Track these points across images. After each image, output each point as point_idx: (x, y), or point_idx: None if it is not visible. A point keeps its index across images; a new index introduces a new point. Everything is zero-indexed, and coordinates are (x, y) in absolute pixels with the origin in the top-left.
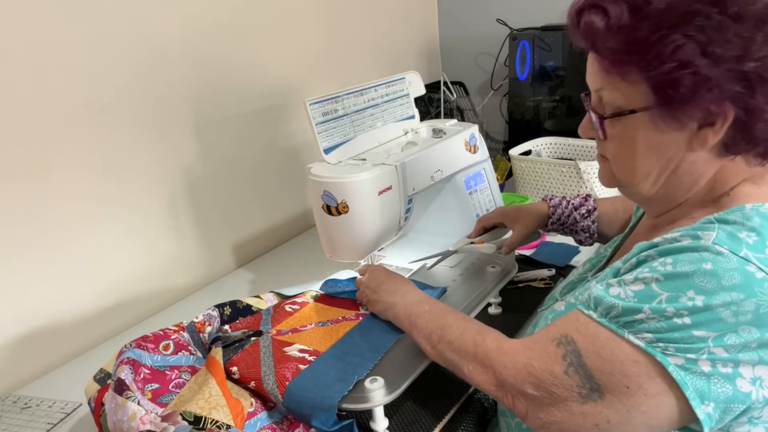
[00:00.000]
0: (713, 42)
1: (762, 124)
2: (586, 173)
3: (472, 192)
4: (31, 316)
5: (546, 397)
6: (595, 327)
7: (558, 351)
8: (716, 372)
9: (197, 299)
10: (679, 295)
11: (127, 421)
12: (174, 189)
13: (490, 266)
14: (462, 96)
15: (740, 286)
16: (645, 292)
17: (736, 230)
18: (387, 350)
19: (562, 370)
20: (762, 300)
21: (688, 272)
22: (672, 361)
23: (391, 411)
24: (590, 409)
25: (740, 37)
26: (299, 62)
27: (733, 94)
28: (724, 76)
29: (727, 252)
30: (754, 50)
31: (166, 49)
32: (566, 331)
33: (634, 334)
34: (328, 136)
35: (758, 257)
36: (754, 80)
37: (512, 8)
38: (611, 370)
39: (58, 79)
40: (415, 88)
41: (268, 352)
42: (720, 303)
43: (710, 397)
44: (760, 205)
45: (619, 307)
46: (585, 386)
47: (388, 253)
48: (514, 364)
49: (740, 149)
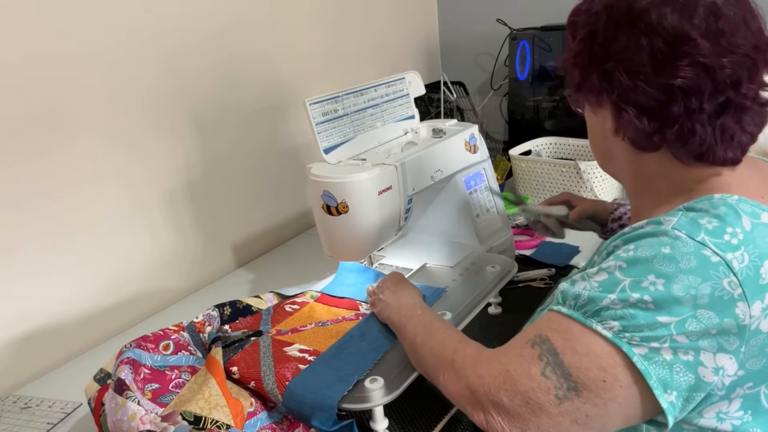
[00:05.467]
0: (602, 44)
1: (627, 117)
2: (586, 173)
3: (472, 192)
4: (32, 316)
5: (521, 406)
6: (567, 322)
7: (533, 352)
8: (678, 360)
9: (197, 299)
10: (641, 280)
11: (127, 421)
12: (174, 189)
13: (490, 266)
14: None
15: (696, 269)
16: (609, 281)
17: (698, 217)
18: (387, 350)
19: (539, 372)
20: (717, 284)
21: (648, 257)
22: (636, 351)
23: (391, 411)
24: (568, 407)
25: (616, 41)
26: (299, 62)
27: (602, 88)
28: (597, 72)
29: (684, 236)
30: (613, 52)
31: (167, 50)
32: (539, 331)
33: (602, 324)
34: (328, 136)
35: (715, 242)
36: (613, 76)
37: (512, 8)
38: (589, 366)
39: (57, 82)
40: (415, 88)
41: (268, 352)
42: (679, 287)
43: (672, 385)
44: (728, 196)
45: (585, 296)
46: (562, 386)
47: (388, 253)
48: (489, 371)
49: (637, 143)
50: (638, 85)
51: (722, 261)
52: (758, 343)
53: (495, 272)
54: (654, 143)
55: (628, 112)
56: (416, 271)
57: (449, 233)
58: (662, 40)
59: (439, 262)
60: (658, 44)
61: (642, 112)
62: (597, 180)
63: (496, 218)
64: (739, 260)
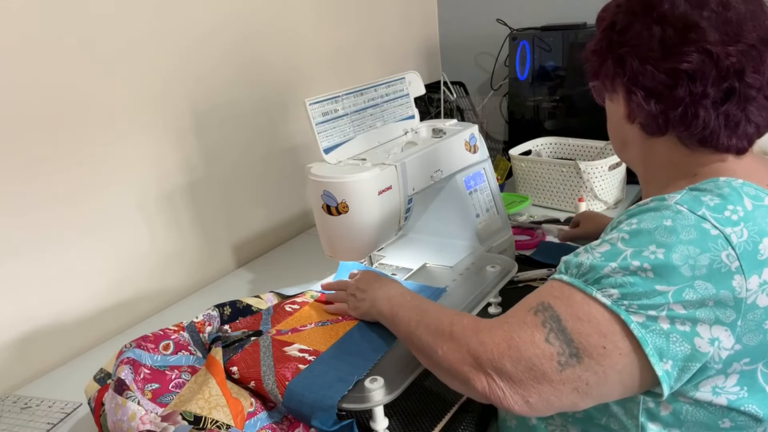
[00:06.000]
0: (620, 32)
1: (636, 99)
2: (586, 173)
3: (472, 192)
4: (31, 316)
5: (524, 372)
6: (569, 290)
7: (536, 319)
8: (674, 330)
9: (197, 299)
10: (641, 249)
11: (127, 421)
12: (174, 189)
13: (490, 266)
14: (462, 96)
15: (695, 241)
16: (611, 251)
17: (701, 195)
18: (387, 350)
19: (543, 338)
20: (715, 255)
21: (650, 229)
22: (634, 318)
23: (391, 411)
24: (569, 374)
25: (631, 28)
26: (299, 62)
27: (615, 72)
28: (612, 57)
29: (686, 210)
30: (627, 39)
31: (166, 49)
32: (542, 299)
33: (601, 291)
34: (328, 136)
35: (715, 216)
36: (626, 61)
37: (512, 8)
38: (590, 331)
39: (58, 85)
40: (415, 88)
41: (268, 351)
42: (678, 256)
43: (668, 354)
44: (733, 179)
45: (587, 265)
46: (564, 352)
47: (388, 253)
48: (492, 338)
49: (647, 128)
50: (647, 69)
51: (721, 234)
52: (755, 317)
53: (495, 272)
54: (660, 126)
55: (637, 94)
56: (416, 271)
57: (449, 233)
58: (672, 28)
59: (439, 262)
60: (668, 32)
61: (649, 95)
62: (597, 180)
63: (496, 218)
64: (737, 235)
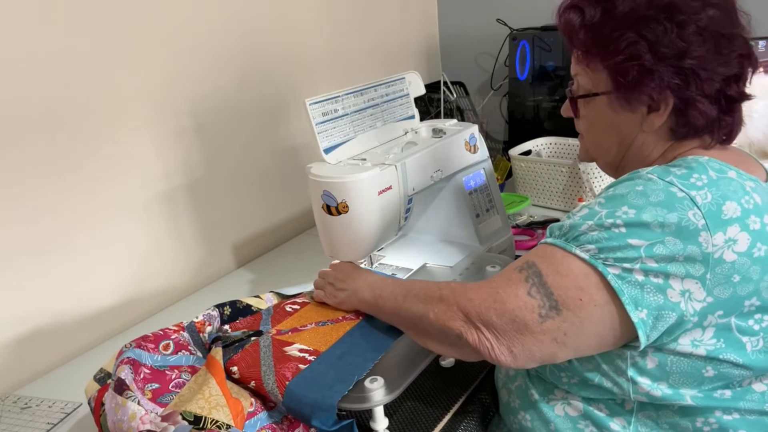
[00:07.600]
0: (660, 42)
1: (695, 112)
2: (585, 173)
3: (472, 192)
4: (32, 315)
5: (508, 323)
6: (551, 248)
7: (520, 275)
8: (649, 282)
9: (197, 299)
10: (615, 210)
11: (127, 421)
12: (174, 189)
13: (490, 266)
14: (462, 96)
15: (664, 202)
16: (588, 213)
17: (671, 167)
18: (387, 350)
19: (525, 292)
20: (683, 214)
21: (624, 193)
22: (611, 270)
23: (391, 411)
24: (549, 326)
25: (682, 40)
26: (299, 62)
27: (672, 85)
28: (665, 70)
29: (656, 178)
30: (692, 51)
31: (166, 51)
32: (527, 258)
33: (580, 248)
34: (327, 136)
35: (682, 183)
36: (689, 75)
37: (512, 8)
38: (567, 285)
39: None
40: (415, 88)
41: (268, 351)
42: (648, 215)
43: (643, 303)
44: (700, 157)
45: (567, 225)
46: (545, 305)
47: (388, 253)
48: (479, 294)
49: (683, 134)
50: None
51: (687, 196)
52: (723, 271)
53: (495, 272)
54: (697, 129)
55: (702, 103)
56: (416, 271)
57: (449, 233)
58: (726, 39)
59: (439, 262)
60: (722, 42)
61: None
62: (597, 180)
63: (496, 218)
64: (702, 197)
